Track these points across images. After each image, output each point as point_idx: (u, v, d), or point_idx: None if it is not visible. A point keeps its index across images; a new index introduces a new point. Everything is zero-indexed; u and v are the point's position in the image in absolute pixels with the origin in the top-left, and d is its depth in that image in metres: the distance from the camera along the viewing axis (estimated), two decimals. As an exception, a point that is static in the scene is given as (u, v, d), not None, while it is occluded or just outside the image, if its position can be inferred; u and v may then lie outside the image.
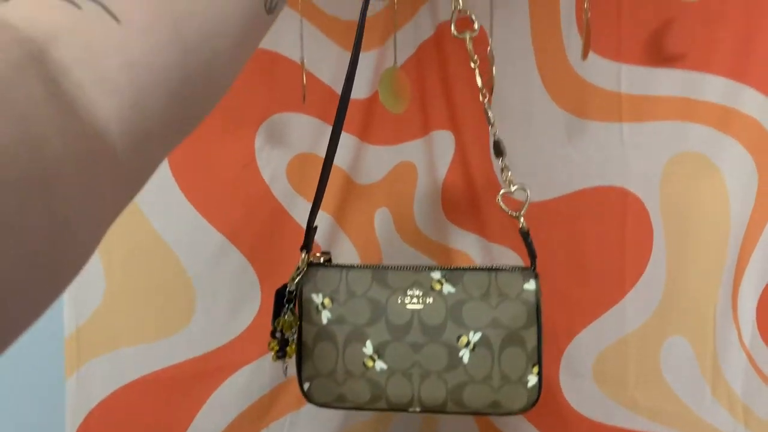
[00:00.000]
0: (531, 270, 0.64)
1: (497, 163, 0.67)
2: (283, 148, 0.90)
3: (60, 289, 0.21)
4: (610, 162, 0.80)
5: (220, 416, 0.84)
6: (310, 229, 0.66)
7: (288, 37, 0.87)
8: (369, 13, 0.53)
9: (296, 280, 0.65)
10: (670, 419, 0.78)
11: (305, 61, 0.84)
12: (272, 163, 0.89)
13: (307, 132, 0.92)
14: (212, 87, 0.28)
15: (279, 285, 0.90)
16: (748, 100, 0.69)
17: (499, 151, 0.66)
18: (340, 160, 0.95)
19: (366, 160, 0.97)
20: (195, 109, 0.27)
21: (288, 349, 0.64)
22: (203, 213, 0.84)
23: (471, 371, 0.62)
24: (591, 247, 0.83)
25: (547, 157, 0.85)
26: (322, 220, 0.93)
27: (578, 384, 0.85)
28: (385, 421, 1.00)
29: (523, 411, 0.63)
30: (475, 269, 0.65)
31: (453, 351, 0.62)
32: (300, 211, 0.91)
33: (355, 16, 0.92)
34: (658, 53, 0.75)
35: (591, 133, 0.81)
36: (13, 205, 0.17)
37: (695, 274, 0.76)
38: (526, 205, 0.65)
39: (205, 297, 0.84)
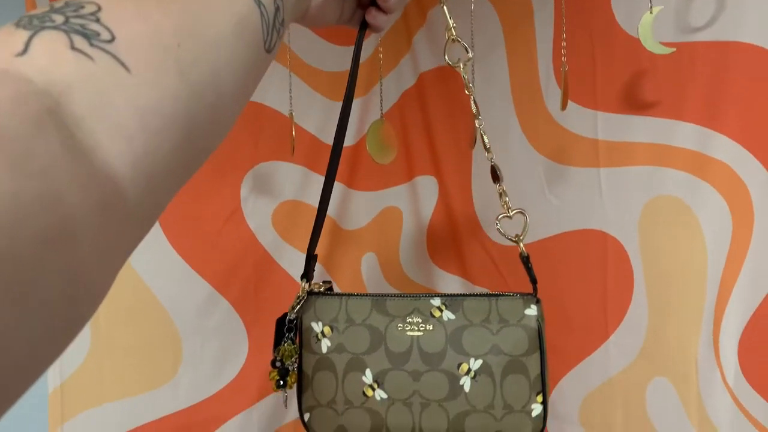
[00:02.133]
0: (532, 295, 0.63)
1: (494, 188, 0.67)
2: (269, 196, 0.91)
3: (71, 339, 0.21)
4: (588, 206, 0.82)
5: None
6: (310, 257, 0.66)
7: (272, 88, 0.89)
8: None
9: (296, 309, 0.64)
10: (658, 462, 0.78)
11: (293, 112, 0.86)
12: (258, 212, 0.90)
13: (292, 180, 0.93)
14: (218, 125, 0.29)
15: (266, 334, 0.90)
16: (719, 146, 0.72)
17: (496, 176, 0.66)
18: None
19: (352, 206, 0.99)
20: (202, 147, 0.28)
21: (288, 378, 0.63)
22: (191, 263, 0.84)
23: (472, 400, 0.60)
24: (573, 290, 0.84)
25: (528, 201, 0.87)
26: (309, 266, 0.94)
27: (565, 429, 0.85)
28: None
29: None
30: (475, 296, 0.63)
31: (454, 379, 0.60)
32: (287, 258, 0.92)
33: (339, 68, 0.94)
34: (632, 101, 0.77)
35: (570, 179, 0.83)
36: (30, 261, 0.17)
37: (676, 315, 0.77)
38: (525, 230, 0.65)
39: (192, 347, 0.83)
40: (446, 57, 0.63)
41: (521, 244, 0.65)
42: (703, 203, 0.73)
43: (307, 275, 0.66)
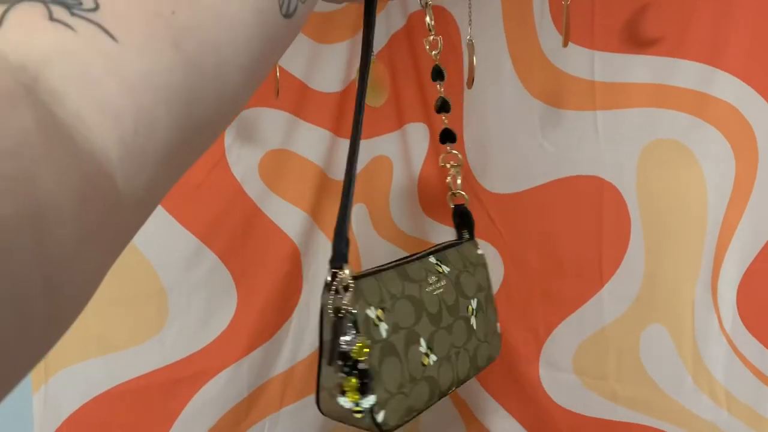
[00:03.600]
0: (473, 238, 0.74)
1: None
2: (254, 144, 0.88)
3: (53, 341, 0.19)
4: (584, 151, 0.79)
5: (197, 425, 0.82)
6: (343, 238, 0.54)
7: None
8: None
9: (350, 299, 0.53)
10: (651, 409, 0.78)
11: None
12: (243, 161, 0.86)
13: (278, 127, 0.89)
14: (223, 102, 0.25)
15: (255, 286, 0.88)
16: (722, 85, 0.68)
17: (446, 138, 0.73)
18: (314, 155, 0.93)
19: (341, 155, 0.95)
20: (204, 130, 0.25)
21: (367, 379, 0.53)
22: (174, 214, 0.81)
23: (478, 334, 0.67)
24: (567, 238, 0.82)
25: (521, 147, 0.84)
26: (298, 217, 0.91)
27: (559, 377, 0.84)
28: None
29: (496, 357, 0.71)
30: (446, 248, 0.69)
31: (467, 322, 0.66)
32: (274, 209, 0.89)
33: (325, 8, 0.89)
34: (631, 40, 0.74)
35: (565, 123, 0.80)
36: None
37: (674, 262, 0.75)
38: (459, 180, 0.74)
39: (178, 301, 0.81)
40: None
41: (459, 194, 0.73)
42: (704, 146, 0.71)
43: (345, 257, 0.54)
